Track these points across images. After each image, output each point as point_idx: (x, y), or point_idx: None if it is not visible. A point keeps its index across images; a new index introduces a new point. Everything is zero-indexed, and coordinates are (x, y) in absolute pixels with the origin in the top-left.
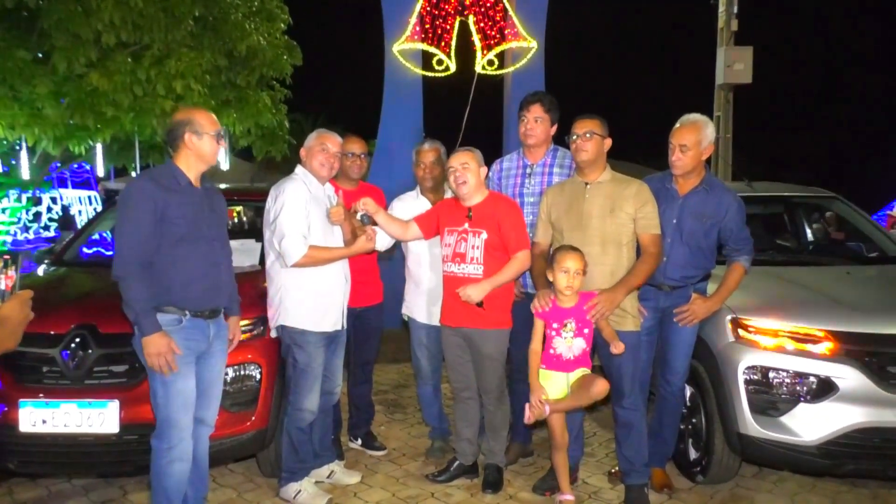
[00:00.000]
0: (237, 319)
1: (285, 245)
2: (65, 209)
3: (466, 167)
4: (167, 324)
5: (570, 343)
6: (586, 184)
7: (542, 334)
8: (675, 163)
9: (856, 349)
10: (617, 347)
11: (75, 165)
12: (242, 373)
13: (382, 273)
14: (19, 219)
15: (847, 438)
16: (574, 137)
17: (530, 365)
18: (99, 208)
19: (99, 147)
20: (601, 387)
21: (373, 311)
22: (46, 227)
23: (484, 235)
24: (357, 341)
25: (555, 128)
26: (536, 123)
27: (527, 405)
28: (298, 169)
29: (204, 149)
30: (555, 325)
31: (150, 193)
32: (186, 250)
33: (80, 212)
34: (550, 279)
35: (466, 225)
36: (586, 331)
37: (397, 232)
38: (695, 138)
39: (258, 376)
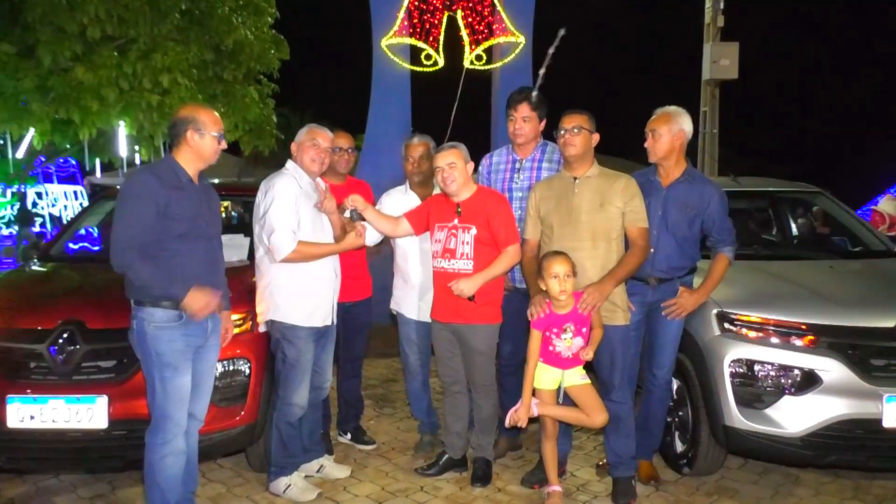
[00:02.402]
0: (228, 314)
1: (274, 240)
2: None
3: (453, 166)
4: (168, 320)
5: (569, 343)
6: (575, 179)
7: (538, 350)
8: (649, 148)
9: (839, 342)
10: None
11: (61, 160)
12: (231, 367)
13: (371, 268)
14: (3, 215)
15: (830, 430)
16: (562, 132)
17: (525, 382)
18: (85, 203)
19: (85, 142)
20: (601, 420)
21: (362, 305)
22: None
23: (473, 231)
24: (346, 336)
25: (543, 124)
26: (525, 122)
27: (512, 410)
28: (289, 164)
29: (205, 148)
30: (554, 330)
31: (153, 189)
32: (186, 247)
33: (65, 207)
34: (544, 288)
35: (456, 221)
36: (584, 329)
37: (387, 229)
38: (666, 125)
39: (247, 371)
